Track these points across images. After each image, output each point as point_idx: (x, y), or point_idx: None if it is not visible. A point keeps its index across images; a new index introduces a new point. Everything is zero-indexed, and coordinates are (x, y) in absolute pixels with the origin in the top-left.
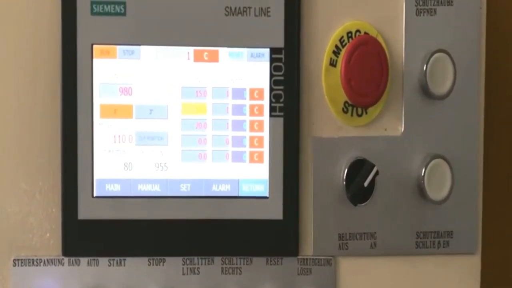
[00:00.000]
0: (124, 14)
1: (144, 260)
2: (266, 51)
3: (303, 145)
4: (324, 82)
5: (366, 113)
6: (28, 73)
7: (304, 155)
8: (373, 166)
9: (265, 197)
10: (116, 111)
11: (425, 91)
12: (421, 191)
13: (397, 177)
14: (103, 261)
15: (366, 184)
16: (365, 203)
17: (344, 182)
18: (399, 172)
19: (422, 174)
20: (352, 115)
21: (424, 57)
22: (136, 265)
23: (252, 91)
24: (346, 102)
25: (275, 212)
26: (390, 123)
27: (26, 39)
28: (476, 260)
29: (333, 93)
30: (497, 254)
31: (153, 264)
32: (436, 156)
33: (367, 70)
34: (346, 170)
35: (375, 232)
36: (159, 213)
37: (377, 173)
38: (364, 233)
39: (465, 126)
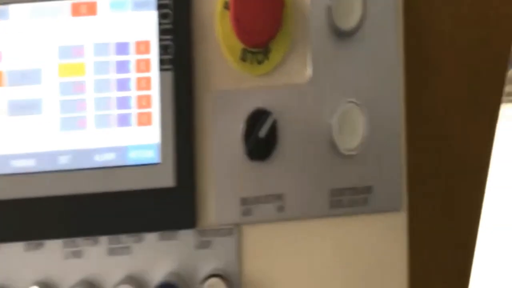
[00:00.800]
0: None
1: (19, 246)
2: None
3: (198, 101)
4: (219, 28)
5: (268, 59)
6: None
7: (199, 112)
8: (269, 114)
9: (156, 164)
10: None
11: (332, 28)
12: (333, 143)
13: (306, 128)
14: None
15: (262, 135)
16: (267, 159)
17: (244, 138)
18: (308, 122)
19: (332, 122)
20: (252, 63)
21: None
22: (11, 252)
23: (138, 44)
24: (244, 49)
25: (167, 179)
26: (296, 69)
27: None
28: (401, 218)
29: (230, 40)
30: (427, 211)
31: (29, 250)
32: (346, 102)
33: (258, 4)
34: (244, 124)
35: (282, 193)
36: (35, 191)
37: (275, 122)
38: (270, 195)
39: (382, 66)
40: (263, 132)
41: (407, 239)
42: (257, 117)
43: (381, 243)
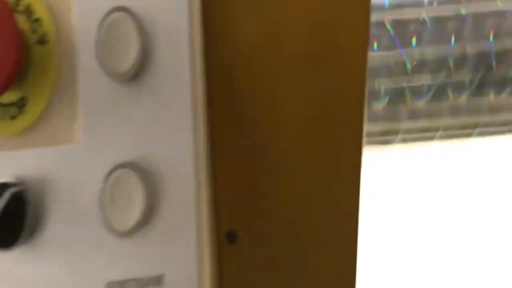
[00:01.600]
0: None
1: None
2: None
3: None
4: None
5: (24, 112)
6: None
7: None
8: (6, 188)
9: None
10: None
11: (106, 70)
12: (107, 221)
13: (73, 202)
14: None
15: None
16: (11, 248)
17: None
18: (76, 194)
19: (102, 195)
20: (2, 118)
21: (100, 20)
22: None
23: None
24: None
25: None
26: (63, 123)
27: None
28: None
29: None
30: None
31: None
32: (121, 166)
33: None
34: None
35: None
36: None
37: (17, 198)
38: None
39: (175, 116)
40: None
41: None
42: None
43: None
